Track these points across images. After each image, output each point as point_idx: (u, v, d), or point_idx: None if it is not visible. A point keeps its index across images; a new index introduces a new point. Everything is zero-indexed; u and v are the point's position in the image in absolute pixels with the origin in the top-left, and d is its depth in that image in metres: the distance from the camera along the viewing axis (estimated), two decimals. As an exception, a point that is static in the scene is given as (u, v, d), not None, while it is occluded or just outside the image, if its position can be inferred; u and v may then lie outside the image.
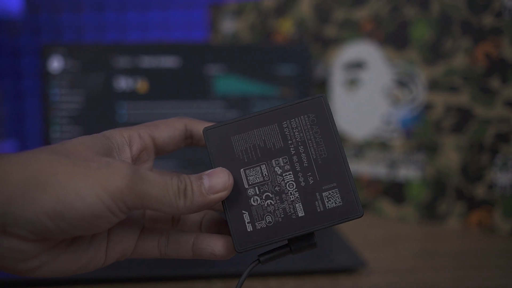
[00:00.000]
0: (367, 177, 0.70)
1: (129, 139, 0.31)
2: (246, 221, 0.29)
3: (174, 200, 0.27)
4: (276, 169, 0.29)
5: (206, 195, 0.28)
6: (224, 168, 0.29)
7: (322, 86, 0.73)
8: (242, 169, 0.30)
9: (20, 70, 1.21)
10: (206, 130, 0.30)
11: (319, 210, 0.29)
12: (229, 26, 0.82)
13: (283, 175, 0.29)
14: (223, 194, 0.28)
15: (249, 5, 0.79)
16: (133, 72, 0.68)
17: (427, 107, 0.64)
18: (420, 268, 0.49)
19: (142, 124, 0.32)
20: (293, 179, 0.29)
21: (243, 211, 0.29)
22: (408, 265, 0.50)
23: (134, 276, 0.45)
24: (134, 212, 0.32)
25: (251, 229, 0.29)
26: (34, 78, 1.21)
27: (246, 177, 0.30)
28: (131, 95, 0.67)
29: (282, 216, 0.29)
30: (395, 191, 0.68)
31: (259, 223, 0.29)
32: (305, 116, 0.30)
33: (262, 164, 0.30)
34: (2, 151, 1.10)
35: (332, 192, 0.29)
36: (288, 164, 0.29)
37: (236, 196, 0.29)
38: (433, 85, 0.63)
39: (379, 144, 0.68)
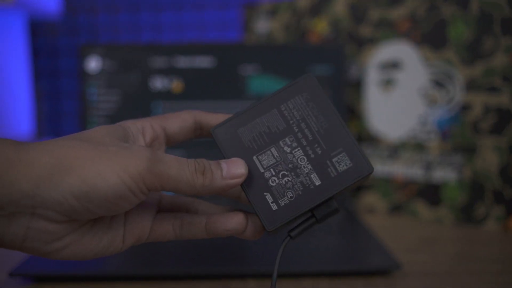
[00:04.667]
0: (402, 178, 0.69)
1: (142, 129, 0.33)
2: (270, 201, 0.31)
3: (192, 179, 0.29)
4: (285, 149, 0.32)
5: (224, 178, 0.30)
6: (239, 158, 0.31)
7: (357, 86, 0.72)
8: (254, 156, 0.32)
9: (58, 71, 1.24)
10: (213, 130, 0.33)
11: (333, 175, 0.31)
12: (263, 26, 0.82)
13: (293, 152, 0.32)
14: (239, 181, 0.30)
15: (284, 5, 0.79)
16: (169, 72, 0.68)
17: (465, 107, 0.63)
18: (457, 272, 0.48)
19: (153, 116, 0.34)
20: (302, 153, 0.32)
21: (265, 193, 0.31)
22: (444, 269, 0.49)
23: (168, 273, 0.45)
24: (150, 197, 0.34)
25: (276, 208, 0.31)
26: (71, 78, 1.24)
27: (260, 162, 0.32)
28: (167, 95, 0.68)
29: (301, 189, 0.31)
30: (430, 193, 0.66)
31: (282, 200, 0.31)
32: (299, 96, 0.33)
33: (271, 148, 0.32)
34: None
35: (340, 156, 0.31)
36: (295, 142, 0.32)
37: (254, 181, 0.32)
38: (471, 86, 0.62)
39: (415, 145, 0.67)
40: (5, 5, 0.97)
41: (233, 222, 0.31)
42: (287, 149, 0.32)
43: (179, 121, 0.34)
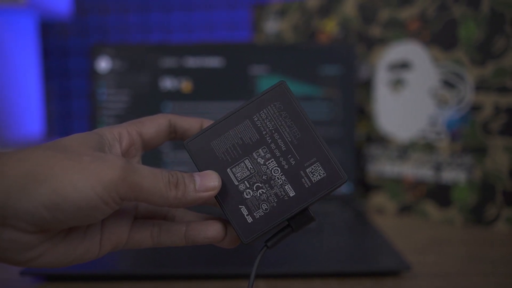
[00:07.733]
0: (412, 179, 0.68)
1: (119, 136, 0.33)
2: (245, 214, 0.31)
3: (165, 191, 0.28)
4: (258, 160, 0.32)
5: (197, 191, 0.30)
6: (213, 171, 0.31)
7: (367, 86, 0.72)
8: (228, 169, 0.32)
9: (69, 71, 1.25)
10: (186, 143, 0.33)
11: (307, 186, 0.31)
12: (272, 26, 0.82)
13: (267, 163, 0.32)
14: (212, 193, 0.30)
15: (293, 5, 0.79)
16: (178, 72, 0.69)
17: (475, 108, 0.63)
18: (467, 273, 0.48)
19: (129, 121, 0.34)
20: (276, 165, 0.32)
21: (240, 206, 0.31)
22: (454, 270, 0.49)
23: (177, 273, 0.45)
24: (126, 205, 0.33)
25: (252, 220, 0.31)
26: (82, 78, 1.25)
27: (234, 174, 0.32)
28: (176, 95, 0.69)
29: (275, 200, 0.31)
30: (440, 194, 0.66)
31: (257, 213, 0.31)
32: (272, 105, 0.32)
33: (245, 160, 0.32)
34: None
35: (314, 166, 0.31)
36: (268, 153, 0.32)
37: (229, 194, 0.32)
38: (482, 86, 0.62)
39: (425, 146, 0.67)
40: (16, 6, 0.98)
41: (213, 230, 0.32)
42: (261, 161, 0.32)
43: (155, 125, 0.34)
